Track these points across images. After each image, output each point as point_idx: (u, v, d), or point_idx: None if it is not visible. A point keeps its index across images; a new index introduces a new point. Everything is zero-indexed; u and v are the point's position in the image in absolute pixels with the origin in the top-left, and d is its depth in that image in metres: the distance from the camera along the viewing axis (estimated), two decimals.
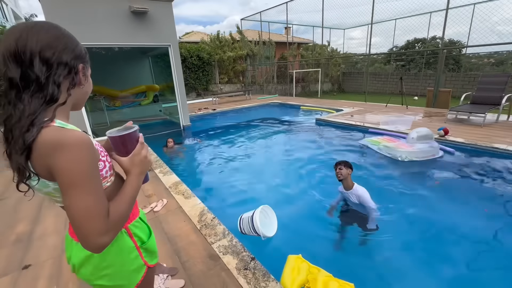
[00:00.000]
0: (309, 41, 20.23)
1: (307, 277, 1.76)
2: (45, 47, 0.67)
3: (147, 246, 0.92)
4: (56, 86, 0.68)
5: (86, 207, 0.64)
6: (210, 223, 2.32)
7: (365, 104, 9.14)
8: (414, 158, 3.95)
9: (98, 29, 5.27)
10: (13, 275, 1.86)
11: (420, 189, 3.43)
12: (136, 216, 0.93)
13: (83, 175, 0.64)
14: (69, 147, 0.63)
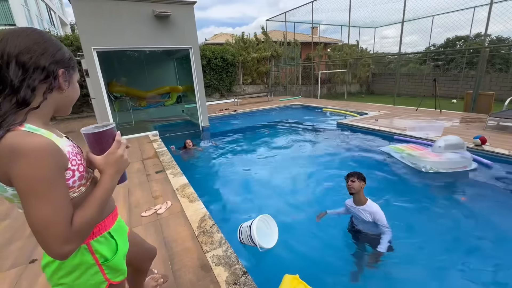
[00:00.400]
0: (337, 41, 19.56)
1: None
2: (23, 51, 0.67)
3: (111, 264, 0.88)
4: (30, 90, 0.68)
5: (44, 216, 0.62)
6: (208, 230, 2.27)
7: (394, 107, 8.55)
8: (440, 170, 3.55)
9: (124, 33, 5.53)
10: (20, 268, 1.97)
11: (443, 206, 3.07)
12: (104, 231, 0.89)
13: (40, 183, 0.62)
14: (26, 154, 0.61)
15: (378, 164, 4.19)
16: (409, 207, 3.03)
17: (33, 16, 14.10)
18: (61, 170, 0.69)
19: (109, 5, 5.28)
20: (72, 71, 0.80)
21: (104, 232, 0.89)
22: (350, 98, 13.81)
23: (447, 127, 5.36)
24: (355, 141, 5.48)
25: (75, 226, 0.67)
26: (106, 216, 0.91)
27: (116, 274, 0.91)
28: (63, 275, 0.80)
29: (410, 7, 11.10)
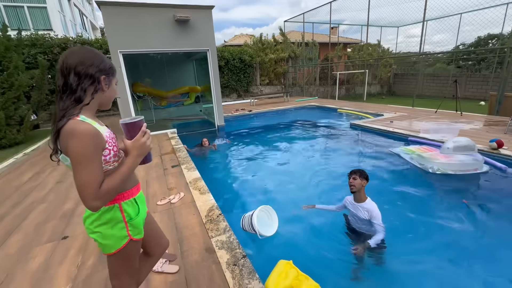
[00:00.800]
0: (357, 41, 19.17)
1: (292, 282, 1.75)
2: (78, 64, 0.96)
3: (134, 223, 1.12)
4: (83, 91, 0.97)
5: (83, 179, 0.88)
6: (215, 218, 2.48)
7: (412, 109, 8.33)
8: (448, 171, 3.50)
9: (147, 37, 5.93)
10: (54, 243, 2.30)
11: (445, 207, 3.06)
12: (131, 197, 1.13)
13: (83, 156, 0.88)
14: (78, 135, 0.88)
15: (386, 165, 4.20)
16: (411, 207, 3.05)
17: (67, 21, 15.24)
18: (99, 150, 0.94)
19: (134, 11, 5.71)
20: (111, 76, 1.07)
21: (131, 198, 1.13)
22: (369, 100, 13.53)
23: (466, 130, 5.20)
24: (366, 143, 5.48)
25: (103, 189, 0.91)
26: (132, 187, 1.15)
27: (136, 231, 1.14)
28: (99, 225, 1.04)
29: (437, 5, 10.68)
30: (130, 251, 1.15)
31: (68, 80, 0.95)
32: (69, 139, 0.88)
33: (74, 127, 0.88)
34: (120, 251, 1.10)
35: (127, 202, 1.10)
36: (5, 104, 5.94)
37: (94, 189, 0.89)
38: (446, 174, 3.53)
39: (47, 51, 9.20)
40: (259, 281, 1.69)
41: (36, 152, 5.67)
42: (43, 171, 4.27)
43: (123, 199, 1.08)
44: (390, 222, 2.70)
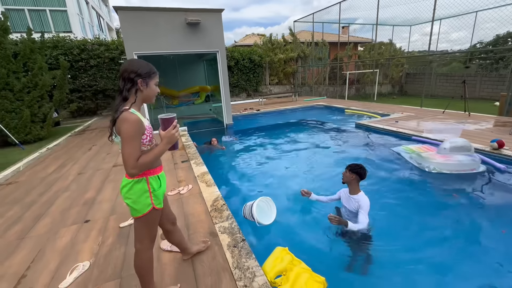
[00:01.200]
0: (368, 40, 19.00)
1: (286, 266, 1.90)
2: (124, 71, 1.33)
3: (156, 194, 1.44)
4: (127, 91, 1.33)
5: (127, 152, 1.24)
6: (219, 208, 2.72)
7: (420, 109, 8.31)
8: (444, 170, 3.61)
9: (160, 39, 6.26)
10: (78, 225, 2.61)
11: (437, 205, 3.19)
12: (156, 174, 1.46)
13: (129, 136, 1.25)
14: (127, 122, 1.24)
15: (385, 163, 4.33)
16: (405, 204, 3.21)
17: (86, 23, 15.95)
18: (140, 134, 1.30)
19: (148, 15, 6.04)
20: (148, 79, 1.37)
21: (156, 174, 1.46)
22: (380, 100, 13.45)
23: (470, 130, 5.23)
24: (370, 142, 5.59)
25: (139, 162, 1.27)
26: (157, 166, 1.47)
27: (157, 201, 1.45)
28: (131, 193, 1.37)
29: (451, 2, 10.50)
30: (152, 218, 1.46)
31: (119, 84, 1.35)
32: (122, 124, 1.24)
33: (126, 116, 1.25)
34: (145, 216, 1.42)
35: (153, 177, 1.43)
36: (30, 102, 6.42)
37: (133, 160, 1.25)
38: (441, 173, 3.63)
39: (67, 52, 9.74)
40: (255, 260, 1.91)
41: (58, 147, 6.11)
42: (65, 164, 4.65)
43: (149, 174, 1.41)
44: (382, 217, 2.88)
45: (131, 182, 1.36)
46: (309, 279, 1.81)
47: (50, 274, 1.94)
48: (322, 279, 1.85)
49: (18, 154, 5.45)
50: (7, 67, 6.20)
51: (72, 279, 1.86)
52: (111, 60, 10.43)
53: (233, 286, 1.71)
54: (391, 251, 2.43)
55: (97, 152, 5.39)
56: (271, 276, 1.82)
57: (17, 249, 2.28)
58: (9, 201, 3.30)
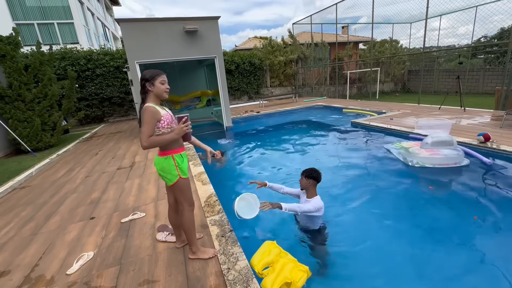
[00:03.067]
0: (368, 39, 19.05)
1: (273, 258, 1.95)
2: (140, 80, 1.84)
3: (181, 167, 1.89)
4: (142, 93, 1.86)
5: (142, 130, 1.72)
6: (212, 203, 2.95)
7: (417, 106, 8.39)
8: (427, 164, 3.75)
9: (160, 48, 6.57)
10: (84, 222, 2.87)
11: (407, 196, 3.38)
12: (179, 152, 1.90)
13: (144, 120, 1.72)
14: (145, 111, 1.74)
15: (374, 160, 4.50)
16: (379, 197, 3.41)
17: (91, 34, 16.56)
18: (153, 119, 1.74)
19: (148, 26, 6.36)
20: (152, 81, 1.81)
21: (179, 153, 1.90)
22: (382, 98, 13.49)
23: (463, 126, 5.32)
24: (364, 139, 5.74)
25: (150, 139, 1.72)
26: (179, 147, 1.91)
27: (182, 172, 1.90)
28: (162, 167, 1.86)
29: None
30: (183, 185, 1.92)
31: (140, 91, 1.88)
32: (142, 112, 1.75)
33: (145, 107, 1.76)
34: (176, 183, 1.89)
35: (176, 155, 1.88)
36: (40, 112, 6.82)
37: (146, 136, 1.71)
38: (424, 167, 3.78)
39: (74, 63, 10.21)
40: (239, 247, 2.12)
41: (67, 153, 6.47)
42: (74, 169, 4.96)
43: (174, 153, 1.87)
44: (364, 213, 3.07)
45: (162, 160, 1.84)
46: (293, 268, 1.89)
47: (59, 263, 2.19)
48: (306, 268, 1.93)
49: (30, 161, 5.81)
50: (19, 79, 6.62)
51: (78, 266, 2.11)
52: (116, 68, 10.86)
53: (218, 268, 1.92)
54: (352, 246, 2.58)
55: (103, 156, 5.70)
56: (259, 268, 1.89)
57: (30, 243, 2.55)
58: (23, 202, 3.60)
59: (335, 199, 3.51)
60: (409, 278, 2.19)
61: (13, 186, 4.31)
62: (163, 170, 1.85)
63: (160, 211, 2.93)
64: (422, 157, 3.89)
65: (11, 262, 2.28)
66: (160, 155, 1.86)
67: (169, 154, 1.84)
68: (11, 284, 2.01)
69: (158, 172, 1.89)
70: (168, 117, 1.83)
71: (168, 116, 1.84)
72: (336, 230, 2.79)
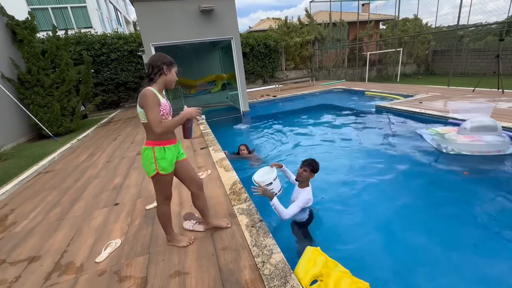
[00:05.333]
0: (391, 17, 17.83)
1: (321, 270, 1.70)
2: (153, 60, 1.69)
3: (159, 162, 1.73)
4: (154, 74, 1.68)
5: (151, 116, 1.59)
6: (238, 191, 2.82)
7: (447, 89, 7.80)
8: (463, 152, 3.41)
9: (175, 29, 6.33)
10: (108, 208, 2.83)
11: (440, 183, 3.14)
12: (162, 145, 1.73)
13: (148, 105, 1.59)
14: (144, 96, 1.59)
15: (404, 147, 4.22)
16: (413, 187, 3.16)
17: (104, 18, 16.39)
18: (156, 104, 1.62)
19: (163, 5, 6.10)
20: (170, 66, 1.71)
21: (161, 146, 1.74)
22: (404, 80, 12.76)
23: (504, 109, 4.86)
24: (391, 124, 5.40)
25: (161, 124, 1.62)
26: (165, 139, 1.74)
27: (161, 168, 1.74)
28: (143, 158, 1.76)
29: None
30: (159, 180, 1.80)
31: (148, 70, 1.69)
32: (142, 99, 1.60)
33: (144, 92, 1.61)
34: (153, 177, 1.77)
35: (158, 147, 1.72)
36: (59, 97, 6.85)
37: (157, 122, 1.60)
38: (460, 154, 3.46)
39: (89, 48, 10.15)
40: (272, 239, 1.99)
41: (87, 138, 6.52)
42: (94, 153, 4.98)
43: (155, 145, 1.72)
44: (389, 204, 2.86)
45: (144, 149, 1.74)
46: (351, 285, 1.59)
47: (88, 250, 2.15)
48: (366, 285, 1.62)
49: (53, 146, 5.90)
50: (37, 64, 6.62)
51: (107, 254, 2.06)
52: (130, 53, 10.73)
53: (252, 261, 1.80)
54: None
55: (122, 141, 5.69)
56: (306, 282, 1.63)
57: (58, 229, 2.53)
58: (48, 187, 3.63)
59: (363, 187, 3.32)
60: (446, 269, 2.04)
61: (38, 170, 4.37)
62: (143, 161, 1.75)
63: (184, 199, 2.83)
64: (460, 143, 3.57)
65: (41, 247, 2.27)
66: (146, 144, 1.74)
67: (150, 145, 1.72)
68: (42, 270, 1.98)
69: (142, 164, 1.80)
70: (167, 107, 1.73)
71: (167, 105, 1.74)
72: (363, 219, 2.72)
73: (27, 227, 2.62)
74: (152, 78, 1.67)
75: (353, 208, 2.93)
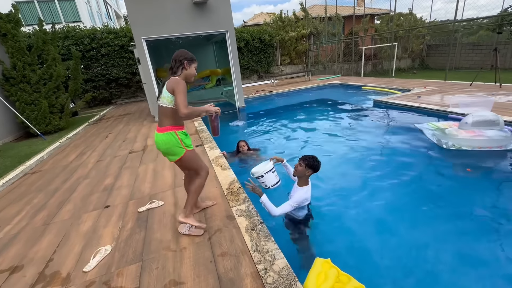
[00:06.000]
0: (386, 11, 17.72)
1: (334, 285, 1.56)
2: (176, 56, 1.90)
3: (184, 141, 1.96)
4: (176, 68, 1.89)
5: (181, 99, 1.76)
6: (235, 191, 2.68)
7: (444, 83, 7.76)
8: (464, 147, 3.33)
9: (167, 22, 6.08)
10: (98, 211, 2.66)
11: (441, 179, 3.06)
12: (180, 130, 1.95)
13: (181, 90, 1.77)
14: (179, 82, 1.80)
15: (402, 142, 4.13)
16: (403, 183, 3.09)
17: (94, 12, 15.87)
18: (186, 91, 1.80)
19: None
20: (190, 62, 1.91)
21: (180, 130, 1.95)
22: (399, 75, 12.72)
23: (503, 103, 4.81)
24: (389, 119, 5.31)
25: (189, 108, 1.78)
26: (182, 125, 1.97)
27: (187, 145, 1.96)
28: (168, 142, 1.89)
29: None
30: (190, 157, 1.99)
31: (171, 65, 1.90)
32: (176, 83, 1.78)
33: (178, 79, 1.82)
34: (182, 158, 1.94)
35: (179, 131, 1.93)
36: (47, 93, 6.56)
37: (185, 103, 1.77)
38: (461, 150, 3.38)
39: (78, 42, 9.79)
40: (274, 243, 1.86)
41: (77, 136, 6.28)
42: (85, 152, 4.77)
43: (176, 129, 1.92)
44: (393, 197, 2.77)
45: (164, 135, 1.87)
46: None
47: (75, 258, 2.00)
48: None
49: (41, 144, 5.66)
50: (22, 59, 6.31)
51: (96, 262, 1.90)
52: (121, 47, 10.40)
53: (253, 268, 1.67)
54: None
55: (114, 139, 5.48)
56: None
57: (43, 234, 2.36)
58: (34, 188, 3.43)
59: (362, 183, 3.22)
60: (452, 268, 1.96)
61: (24, 171, 4.16)
62: (167, 147, 1.89)
63: (179, 199, 2.69)
64: (460, 138, 3.48)
65: (24, 255, 2.11)
66: (162, 130, 1.88)
67: (172, 130, 1.88)
68: (25, 281, 1.82)
69: (162, 149, 1.92)
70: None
71: None
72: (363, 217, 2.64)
73: (10, 233, 2.45)
74: (175, 72, 1.88)
75: (350, 206, 2.84)
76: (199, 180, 2.06)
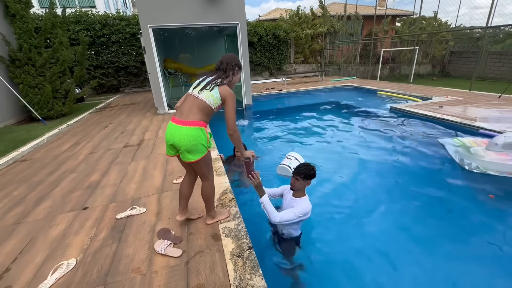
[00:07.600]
0: (409, 13, 16.88)
1: None
2: (231, 60, 1.84)
3: (210, 141, 1.83)
4: (229, 71, 1.83)
5: (233, 116, 1.78)
6: (227, 203, 2.38)
7: (469, 93, 7.17)
8: (490, 171, 2.90)
9: (176, 11, 5.79)
10: (75, 212, 2.41)
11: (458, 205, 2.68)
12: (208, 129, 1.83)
13: (233, 105, 1.78)
14: (232, 95, 1.79)
15: (421, 156, 3.71)
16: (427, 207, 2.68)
17: None
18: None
19: None
20: (240, 70, 1.90)
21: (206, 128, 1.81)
22: (417, 81, 12.06)
23: None
24: (406, 130, 4.86)
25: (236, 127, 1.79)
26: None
27: (210, 145, 1.85)
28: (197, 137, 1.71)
29: None
30: (208, 158, 1.88)
31: (221, 66, 1.82)
32: (230, 95, 1.76)
33: (230, 91, 1.79)
34: (203, 158, 1.78)
35: (206, 129, 1.80)
36: (52, 78, 6.41)
37: (234, 119, 1.78)
38: (486, 174, 2.93)
39: (89, 28, 9.65)
40: (262, 278, 1.55)
41: (78, 123, 6.12)
42: (80, 143, 4.57)
43: (205, 126, 1.78)
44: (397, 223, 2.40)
45: (193, 130, 1.69)
46: None
47: (33, 271, 1.74)
48: None
49: (40, 130, 5.51)
50: (29, 41, 6.16)
51: (53, 280, 1.64)
52: (132, 35, 10.22)
53: None
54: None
55: (112, 130, 5.27)
56: None
57: (10, 236, 2.13)
58: (18, 179, 3.23)
59: (367, 199, 2.87)
60: None
61: (15, 158, 3.99)
62: (193, 143, 1.69)
63: (163, 207, 2.40)
64: (487, 161, 3.04)
65: None
66: (191, 124, 1.69)
67: (202, 126, 1.74)
68: None
69: (184, 144, 1.68)
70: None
71: None
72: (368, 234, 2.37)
73: None
74: (227, 75, 1.81)
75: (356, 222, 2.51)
76: (209, 183, 1.93)
